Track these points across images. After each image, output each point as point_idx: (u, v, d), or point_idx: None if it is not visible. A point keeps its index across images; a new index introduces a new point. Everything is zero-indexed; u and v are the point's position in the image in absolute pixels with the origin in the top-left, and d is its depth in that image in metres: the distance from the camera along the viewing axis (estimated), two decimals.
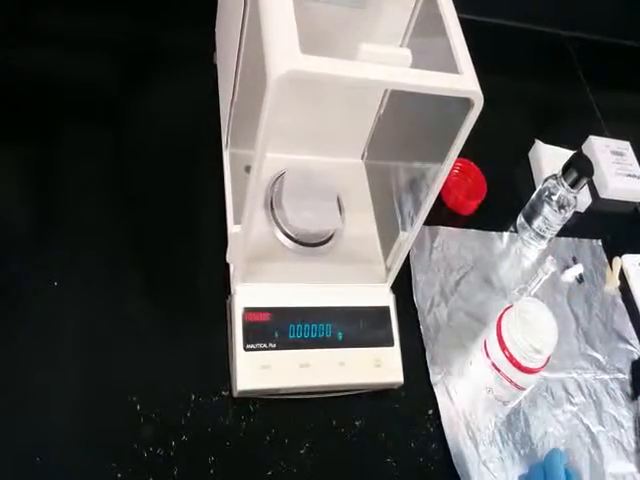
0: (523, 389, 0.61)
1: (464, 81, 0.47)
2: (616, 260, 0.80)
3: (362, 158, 0.73)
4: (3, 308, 0.57)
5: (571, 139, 0.89)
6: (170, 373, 0.57)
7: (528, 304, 0.60)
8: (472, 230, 0.77)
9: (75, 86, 0.72)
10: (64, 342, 0.57)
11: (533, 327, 0.58)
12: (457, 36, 0.49)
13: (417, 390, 0.63)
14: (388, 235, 0.65)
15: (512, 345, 0.58)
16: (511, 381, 0.60)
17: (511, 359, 0.58)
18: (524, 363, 0.58)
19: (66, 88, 0.72)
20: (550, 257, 0.78)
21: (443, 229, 0.76)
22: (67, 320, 0.58)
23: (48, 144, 0.67)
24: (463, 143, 0.50)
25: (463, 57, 0.48)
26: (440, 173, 0.52)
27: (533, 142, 0.87)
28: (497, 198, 0.78)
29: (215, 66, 0.76)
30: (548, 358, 0.59)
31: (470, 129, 0.48)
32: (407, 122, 0.64)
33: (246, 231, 0.54)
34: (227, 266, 0.61)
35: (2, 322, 0.56)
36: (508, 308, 0.61)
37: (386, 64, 0.44)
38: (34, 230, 0.62)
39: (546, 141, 0.87)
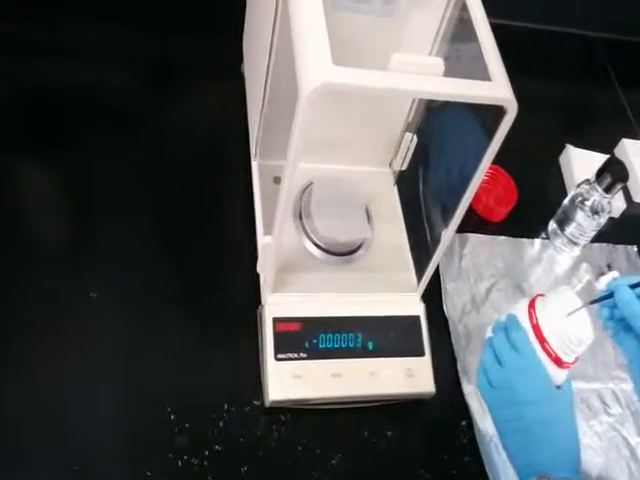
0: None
1: (497, 88, 0.46)
2: None
3: (390, 167, 0.73)
4: (42, 320, 0.58)
5: (603, 143, 0.87)
6: (203, 383, 0.58)
7: (560, 292, 0.55)
8: (502, 237, 0.76)
9: (105, 99, 0.73)
10: (100, 353, 0.57)
11: (571, 316, 0.52)
12: (488, 42, 0.48)
13: (449, 400, 0.63)
14: (418, 244, 0.65)
15: (552, 336, 0.52)
16: None
17: (549, 353, 0.52)
18: (564, 358, 0.52)
19: (96, 101, 0.73)
20: (585, 264, 0.76)
21: (473, 236, 0.75)
22: (103, 331, 0.59)
23: (80, 157, 0.68)
24: (496, 151, 0.49)
25: (495, 63, 0.47)
26: (472, 181, 0.52)
27: (564, 146, 0.86)
28: (528, 204, 0.77)
29: (242, 76, 0.76)
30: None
31: (503, 137, 0.48)
32: (437, 130, 0.63)
33: (277, 242, 0.54)
34: (257, 276, 0.61)
35: (41, 333, 0.57)
36: (534, 299, 0.55)
37: (418, 73, 0.44)
38: (71, 243, 0.64)
39: (577, 145, 0.85)
